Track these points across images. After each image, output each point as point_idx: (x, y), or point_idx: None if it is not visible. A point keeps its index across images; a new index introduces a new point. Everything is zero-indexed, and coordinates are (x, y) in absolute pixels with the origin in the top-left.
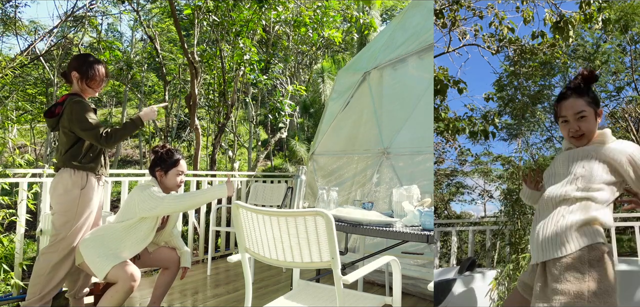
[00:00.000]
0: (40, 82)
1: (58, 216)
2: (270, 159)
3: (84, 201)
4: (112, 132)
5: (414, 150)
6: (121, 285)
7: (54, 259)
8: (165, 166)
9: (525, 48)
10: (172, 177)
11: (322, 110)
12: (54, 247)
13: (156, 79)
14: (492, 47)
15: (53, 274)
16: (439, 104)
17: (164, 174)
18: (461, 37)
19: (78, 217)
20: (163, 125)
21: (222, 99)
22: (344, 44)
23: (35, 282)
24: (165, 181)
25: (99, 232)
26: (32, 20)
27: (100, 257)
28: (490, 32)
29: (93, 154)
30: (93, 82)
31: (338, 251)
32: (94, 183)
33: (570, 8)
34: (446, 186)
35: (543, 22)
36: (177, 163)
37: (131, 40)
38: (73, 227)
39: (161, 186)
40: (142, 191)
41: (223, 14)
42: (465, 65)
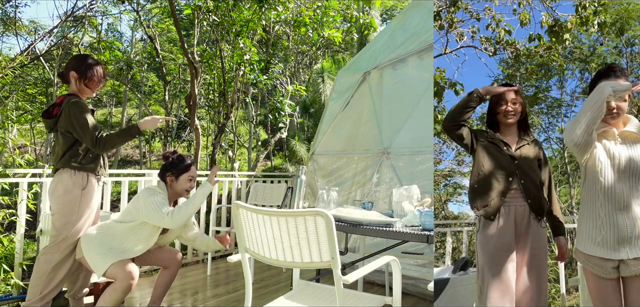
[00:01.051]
0: (40, 82)
1: (58, 217)
2: (270, 159)
3: (84, 201)
4: (107, 138)
5: (414, 151)
6: (119, 283)
7: (54, 259)
8: (176, 170)
9: (522, 51)
10: (183, 182)
11: (322, 110)
12: (55, 248)
13: (156, 79)
14: (489, 49)
15: (53, 275)
16: (436, 106)
17: (175, 179)
18: (458, 39)
19: (79, 217)
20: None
21: (222, 99)
22: (344, 44)
23: (36, 282)
24: (175, 186)
25: (102, 229)
26: (32, 20)
27: (100, 254)
28: (488, 34)
29: (93, 154)
30: (91, 82)
31: (338, 251)
32: (94, 183)
33: (566, 11)
34: (443, 186)
35: (539, 25)
36: (188, 168)
37: (131, 40)
38: (74, 228)
39: (171, 191)
40: (149, 196)
41: (223, 14)
42: (462, 67)
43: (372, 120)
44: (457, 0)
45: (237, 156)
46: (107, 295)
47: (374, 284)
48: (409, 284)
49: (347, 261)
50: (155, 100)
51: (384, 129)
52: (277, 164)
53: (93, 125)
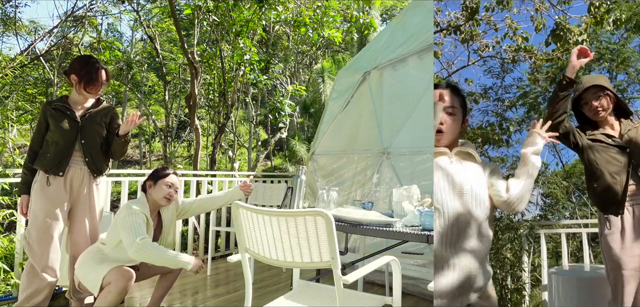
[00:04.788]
0: (40, 82)
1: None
2: (270, 159)
3: (34, 195)
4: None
5: (414, 151)
6: (114, 285)
7: (29, 256)
8: (155, 176)
9: (540, 56)
10: (160, 188)
11: (322, 110)
12: (28, 247)
13: (156, 79)
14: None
15: (31, 274)
16: None
17: (154, 183)
18: (483, 50)
19: (38, 212)
20: (163, 126)
21: (222, 99)
22: (344, 44)
23: (21, 281)
24: (153, 192)
25: (90, 253)
26: (32, 20)
27: (92, 271)
28: (507, 43)
29: (50, 153)
30: (91, 86)
31: (338, 251)
32: (45, 179)
33: (580, 12)
34: None
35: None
36: (166, 175)
37: (131, 40)
38: (37, 223)
39: (149, 198)
40: (128, 215)
41: (223, 14)
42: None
43: (372, 120)
44: (475, 13)
45: (237, 156)
46: (102, 297)
47: (374, 284)
48: (409, 284)
49: (347, 261)
50: (155, 100)
51: (384, 129)
52: (277, 164)
53: (38, 138)
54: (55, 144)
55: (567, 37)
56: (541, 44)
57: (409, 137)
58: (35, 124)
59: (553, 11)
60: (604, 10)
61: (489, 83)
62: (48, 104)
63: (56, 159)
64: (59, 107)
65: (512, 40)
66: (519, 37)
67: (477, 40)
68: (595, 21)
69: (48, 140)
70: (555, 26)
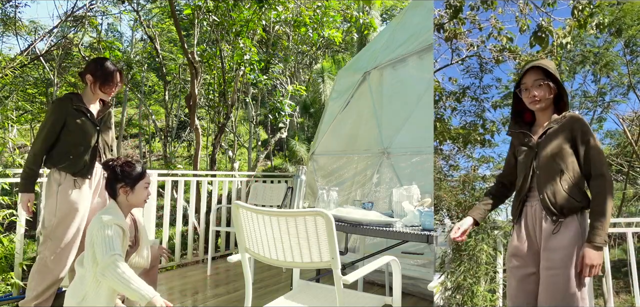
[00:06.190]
0: (40, 82)
1: (45, 214)
2: (270, 159)
3: (61, 198)
4: None
5: (414, 151)
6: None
7: (45, 256)
8: (130, 180)
9: (524, 57)
10: (141, 191)
11: (322, 110)
12: (44, 245)
13: (156, 79)
14: (494, 57)
15: (45, 273)
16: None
17: (131, 189)
18: (468, 49)
19: (60, 214)
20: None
21: (222, 99)
22: (344, 44)
23: (30, 280)
24: (131, 198)
25: (74, 288)
26: (32, 20)
27: None
28: (491, 42)
29: (73, 155)
30: (106, 87)
31: (338, 251)
32: (72, 182)
33: (564, 15)
34: None
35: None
36: (144, 175)
37: (131, 40)
38: (57, 225)
39: (125, 203)
40: (101, 229)
41: (223, 14)
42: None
43: (372, 120)
44: (459, 12)
45: (237, 156)
46: None
47: (374, 284)
48: (409, 284)
49: (347, 261)
50: (155, 100)
51: (384, 129)
52: (277, 164)
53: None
54: (80, 146)
55: (550, 40)
56: (525, 44)
57: (409, 137)
58: (41, 121)
59: (537, 13)
60: (587, 14)
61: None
62: (68, 101)
63: (83, 161)
64: (80, 108)
65: (496, 40)
66: (503, 37)
67: (461, 39)
68: (579, 24)
69: (67, 140)
70: (538, 28)
